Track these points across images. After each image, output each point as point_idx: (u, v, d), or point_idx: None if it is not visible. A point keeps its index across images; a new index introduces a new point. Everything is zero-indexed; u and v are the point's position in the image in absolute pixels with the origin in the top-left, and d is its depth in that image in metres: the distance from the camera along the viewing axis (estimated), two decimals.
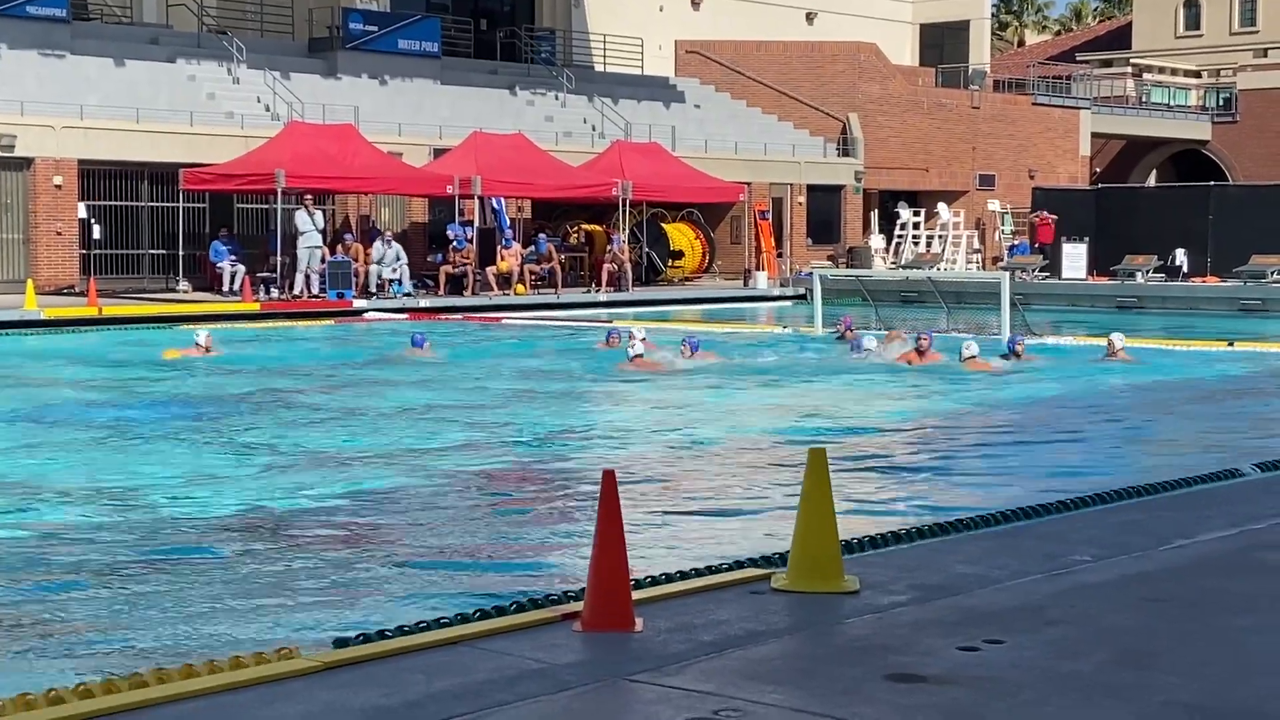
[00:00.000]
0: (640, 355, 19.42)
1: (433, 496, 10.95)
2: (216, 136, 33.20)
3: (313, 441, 13.59)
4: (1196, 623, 5.92)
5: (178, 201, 32.44)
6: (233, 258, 32.16)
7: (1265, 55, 62.88)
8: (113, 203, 32.51)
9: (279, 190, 30.72)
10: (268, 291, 31.14)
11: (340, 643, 5.56)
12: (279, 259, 31.42)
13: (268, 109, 35.65)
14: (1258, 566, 6.98)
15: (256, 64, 37.01)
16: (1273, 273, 34.87)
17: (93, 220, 31.89)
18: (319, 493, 10.96)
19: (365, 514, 10.25)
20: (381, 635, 5.63)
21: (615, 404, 17.13)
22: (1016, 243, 45.29)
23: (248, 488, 11.17)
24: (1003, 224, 49.24)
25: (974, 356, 19.46)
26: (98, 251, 32.02)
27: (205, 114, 34.01)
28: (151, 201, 33.03)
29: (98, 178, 32.12)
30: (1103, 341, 21.08)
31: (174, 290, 31.83)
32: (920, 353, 20.08)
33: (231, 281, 31.61)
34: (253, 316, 28.32)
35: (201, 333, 21.31)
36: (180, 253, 32.45)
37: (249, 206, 34.66)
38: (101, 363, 21.31)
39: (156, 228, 33.23)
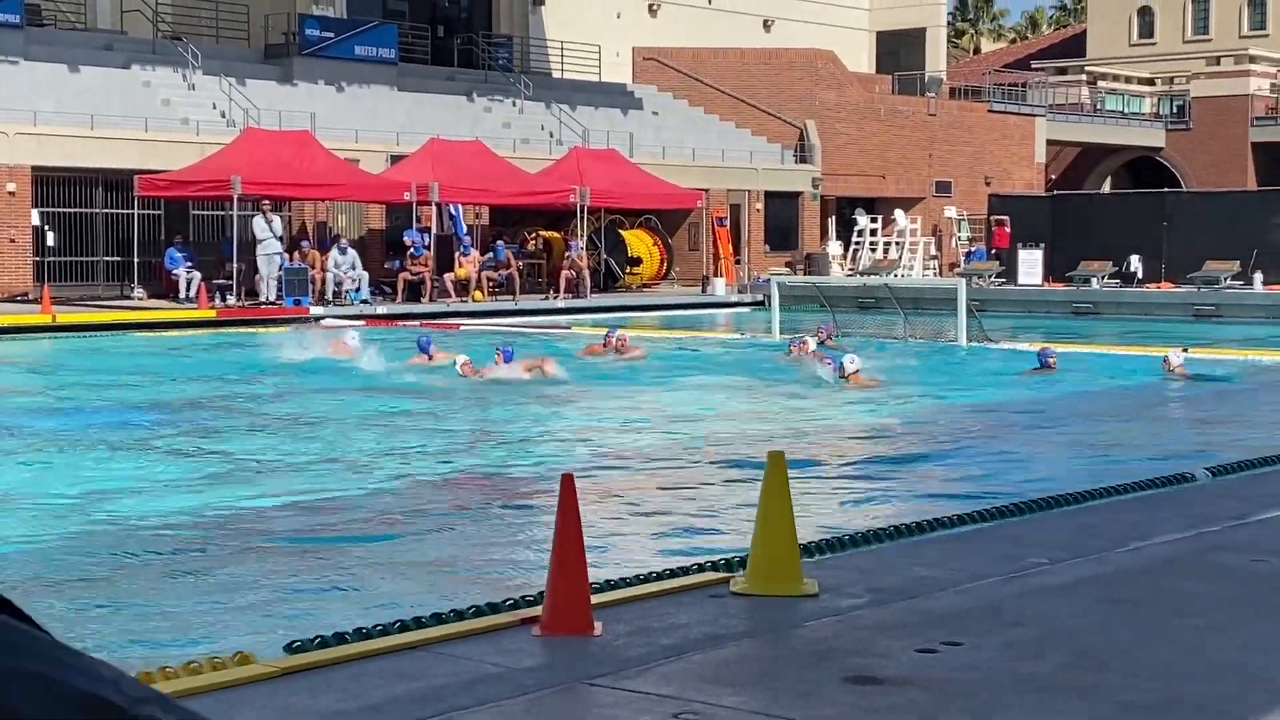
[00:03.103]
0: (468, 362, 19.20)
1: (391, 501, 10.91)
2: (172, 143, 33.02)
3: (270, 447, 13.53)
4: (1153, 624, 5.95)
5: (133, 208, 32.21)
6: (188, 264, 31.98)
7: (1218, 63, 63.41)
8: (67, 209, 32.27)
9: (235, 197, 30.58)
10: (224, 298, 30.99)
11: (297, 647, 5.52)
12: (235, 265, 31.27)
13: (223, 115, 35.48)
14: (1213, 568, 7.03)
15: (212, 70, 36.83)
16: (1226, 278, 35.17)
17: (46, 227, 31.65)
18: (276, 498, 10.90)
19: (323, 519, 10.19)
20: (339, 639, 5.60)
21: (575, 409, 17.10)
22: (973, 249, 45.51)
23: (201, 494, 11.10)
24: (959, 230, 49.47)
25: (857, 372, 18.66)
26: (52, 259, 31.77)
27: (160, 120, 33.82)
28: (106, 208, 32.79)
29: (52, 184, 31.86)
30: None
31: (129, 297, 31.62)
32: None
33: (187, 288, 31.44)
34: (209, 324, 28.17)
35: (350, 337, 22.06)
36: (135, 260, 32.20)
37: (204, 213, 34.48)
38: (55, 370, 21.14)
39: (111, 235, 33.00)
